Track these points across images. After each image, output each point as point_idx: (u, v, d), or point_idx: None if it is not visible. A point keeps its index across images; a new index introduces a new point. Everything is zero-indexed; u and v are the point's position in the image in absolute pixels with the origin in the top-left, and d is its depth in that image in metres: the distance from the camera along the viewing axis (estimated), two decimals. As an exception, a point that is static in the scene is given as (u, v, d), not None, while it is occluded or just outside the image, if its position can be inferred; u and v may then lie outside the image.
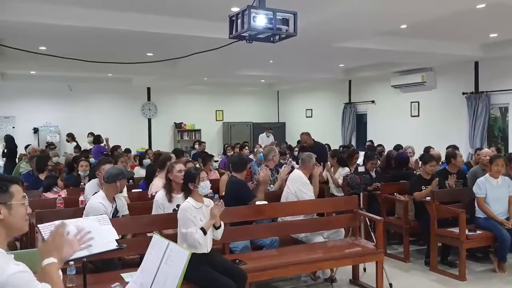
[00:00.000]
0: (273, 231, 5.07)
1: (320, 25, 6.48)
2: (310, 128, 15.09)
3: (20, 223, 2.06)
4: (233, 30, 4.14)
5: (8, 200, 2.01)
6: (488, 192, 5.54)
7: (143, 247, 3.02)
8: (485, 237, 5.45)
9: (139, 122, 15.12)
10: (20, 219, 2.05)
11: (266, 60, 10.14)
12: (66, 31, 6.71)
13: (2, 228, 2.01)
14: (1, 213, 1.98)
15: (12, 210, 2.01)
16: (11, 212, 2.01)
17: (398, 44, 8.20)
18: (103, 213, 4.15)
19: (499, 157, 5.78)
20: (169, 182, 4.73)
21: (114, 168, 4.64)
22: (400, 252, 6.22)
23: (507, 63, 9.31)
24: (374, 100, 12.98)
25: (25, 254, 3.04)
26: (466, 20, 6.93)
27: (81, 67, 8.91)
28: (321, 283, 5.24)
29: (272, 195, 5.66)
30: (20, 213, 2.04)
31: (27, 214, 2.09)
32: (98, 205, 4.24)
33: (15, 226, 2.06)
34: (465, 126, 10.15)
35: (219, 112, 16.45)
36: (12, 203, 2.01)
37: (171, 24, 6.70)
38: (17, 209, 2.03)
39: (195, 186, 4.01)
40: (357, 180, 5.88)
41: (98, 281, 3.67)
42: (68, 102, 14.03)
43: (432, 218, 5.56)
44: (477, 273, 5.58)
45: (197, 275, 3.75)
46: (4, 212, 1.99)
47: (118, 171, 4.48)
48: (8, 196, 2.01)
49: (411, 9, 5.90)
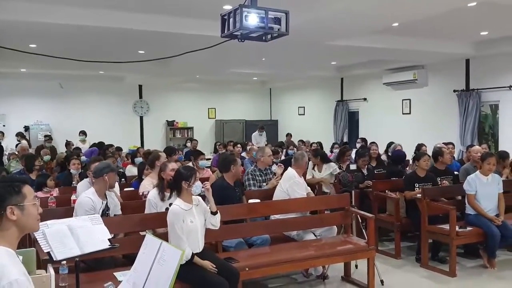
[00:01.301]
0: (266, 229, 5.10)
1: (313, 23, 6.49)
2: (302, 126, 15.28)
3: (32, 223, 2.08)
4: (225, 29, 4.15)
5: (21, 202, 2.02)
6: (478, 189, 5.59)
7: (136, 246, 3.04)
8: (475, 233, 5.50)
9: (131, 120, 15.07)
10: (32, 219, 2.07)
11: (259, 57, 10.13)
12: (56, 29, 6.66)
13: (16, 229, 2.02)
14: (15, 214, 1.99)
15: (25, 211, 2.02)
16: (24, 212, 2.02)
17: (390, 42, 8.23)
18: (91, 207, 4.16)
19: (492, 155, 5.82)
20: (161, 181, 4.72)
21: (101, 163, 4.65)
22: (391, 248, 6.28)
23: (498, 61, 9.38)
24: (366, 97, 13.03)
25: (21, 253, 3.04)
26: (457, 18, 6.97)
27: (72, 65, 8.85)
28: (313, 280, 5.28)
29: (265, 193, 5.67)
30: (32, 213, 2.06)
31: (38, 214, 2.11)
32: (86, 199, 4.24)
33: (28, 227, 2.08)
34: (456, 123, 10.23)
35: (212, 110, 16.43)
36: (25, 204, 2.02)
37: (163, 22, 6.67)
38: (30, 209, 2.05)
39: (190, 185, 3.95)
40: (349, 178, 5.90)
41: (91, 280, 3.68)
42: (59, 100, 13.95)
43: (422, 215, 5.61)
44: (467, 269, 5.64)
45: (190, 274, 3.76)
46: (17, 213, 2.00)
47: (104, 165, 4.50)
48: (21, 197, 2.03)
49: (403, 7, 5.93)
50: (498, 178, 5.78)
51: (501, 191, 5.71)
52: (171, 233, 3.84)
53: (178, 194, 3.99)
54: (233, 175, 5.21)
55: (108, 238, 3.23)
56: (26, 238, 4.42)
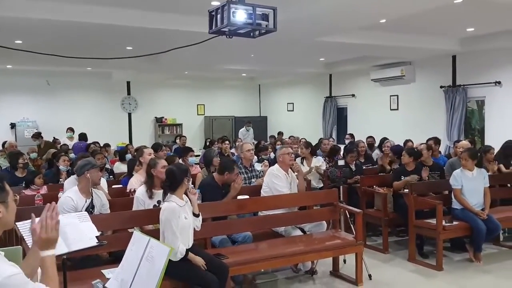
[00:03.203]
0: (255, 225, 5.11)
1: (301, 19, 6.50)
2: (291, 122, 15.31)
3: (13, 219, 2.04)
4: (212, 25, 4.15)
5: (6, 199, 1.98)
6: (464, 183, 5.67)
7: (124, 243, 3.03)
8: (462, 227, 5.58)
9: (119, 117, 14.97)
10: (13, 215, 2.03)
11: (248, 54, 10.13)
12: (42, 25, 6.60)
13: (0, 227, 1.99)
14: (1, 212, 1.95)
15: (8, 208, 1.99)
16: (8, 209, 1.99)
17: (378, 39, 8.28)
18: (71, 207, 4.14)
19: (465, 151, 5.93)
20: (151, 178, 4.69)
21: (82, 160, 4.59)
22: (379, 243, 6.34)
23: (484, 57, 9.48)
24: (354, 93, 13.09)
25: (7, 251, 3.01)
26: (444, 15, 7.03)
27: (59, 61, 8.77)
28: (302, 275, 5.31)
29: (254, 189, 5.68)
30: (13, 209, 2.02)
31: None
32: (66, 199, 4.23)
33: (9, 223, 2.04)
34: (443, 119, 10.33)
35: (201, 106, 16.39)
36: (9, 201, 1.99)
37: (151, 18, 6.64)
38: (12, 205, 2.01)
39: (188, 180, 3.99)
40: (337, 174, 5.94)
41: (79, 278, 3.66)
42: (46, 96, 13.82)
43: (410, 210, 5.67)
44: (453, 263, 5.71)
45: (179, 270, 3.77)
46: (3, 210, 1.96)
47: (85, 162, 4.44)
48: (5, 194, 1.99)
49: (390, 4, 5.96)
50: (484, 172, 5.86)
51: (487, 185, 5.78)
52: (167, 230, 3.80)
53: (173, 191, 3.95)
54: (224, 179, 5.17)
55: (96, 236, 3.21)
56: (12, 235, 4.39)
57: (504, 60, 9.21)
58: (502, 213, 5.98)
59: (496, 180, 6.54)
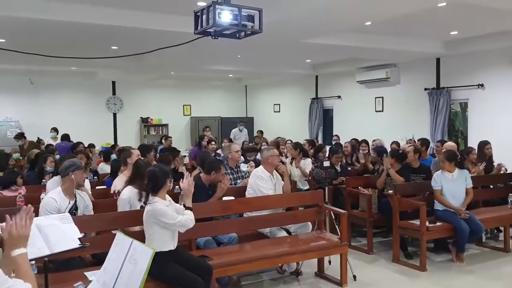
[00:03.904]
0: (240, 226, 5.10)
1: (287, 21, 6.51)
2: (278, 123, 15.34)
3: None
4: (198, 25, 4.13)
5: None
6: (444, 185, 5.73)
7: (107, 245, 3.00)
8: (445, 228, 5.63)
9: (104, 117, 14.84)
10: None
11: (234, 54, 10.12)
12: (26, 23, 6.51)
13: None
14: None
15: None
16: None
17: (363, 41, 8.34)
18: (53, 208, 4.08)
19: (443, 153, 6.06)
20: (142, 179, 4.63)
21: (67, 161, 4.54)
22: (364, 244, 6.37)
23: (467, 60, 9.60)
24: (340, 95, 13.16)
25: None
26: (428, 18, 7.11)
27: (43, 60, 8.66)
28: (287, 276, 5.31)
29: (239, 190, 5.67)
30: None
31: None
32: (49, 200, 4.17)
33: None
34: (427, 120, 10.43)
35: (187, 107, 16.33)
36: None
37: (136, 18, 6.59)
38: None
39: (171, 181, 4.01)
40: (322, 175, 5.96)
41: (61, 280, 3.62)
42: (29, 96, 13.63)
43: (394, 211, 5.71)
44: (437, 263, 5.77)
45: (164, 272, 3.74)
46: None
47: (70, 163, 4.39)
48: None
49: (375, 7, 6.00)
50: (466, 173, 5.93)
51: (469, 186, 5.84)
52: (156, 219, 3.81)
53: (155, 193, 3.93)
54: (211, 179, 5.15)
55: (78, 237, 3.18)
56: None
57: (487, 63, 9.33)
58: (484, 214, 6.06)
59: (479, 181, 6.63)
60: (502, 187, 6.90)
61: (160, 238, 3.84)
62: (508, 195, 6.47)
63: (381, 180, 6.23)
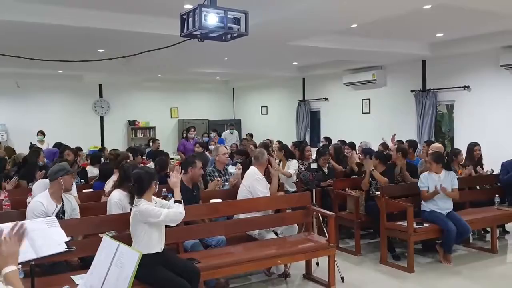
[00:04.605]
0: (228, 229, 5.09)
1: (273, 23, 6.52)
2: (265, 125, 15.36)
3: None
4: (184, 28, 4.12)
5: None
6: (430, 186, 5.78)
7: (94, 248, 2.98)
8: (432, 229, 5.68)
9: (91, 120, 14.73)
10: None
11: (221, 57, 10.12)
12: (11, 26, 6.43)
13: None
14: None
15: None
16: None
17: (349, 43, 8.38)
18: (40, 212, 4.06)
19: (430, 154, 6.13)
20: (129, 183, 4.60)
21: (56, 165, 4.52)
22: (352, 246, 6.40)
23: (453, 62, 9.70)
24: (327, 97, 13.21)
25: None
26: (414, 20, 7.17)
27: (29, 63, 8.58)
28: (275, 278, 5.32)
29: (227, 193, 5.67)
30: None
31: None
32: (36, 204, 4.14)
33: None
34: (414, 122, 10.51)
35: (174, 109, 16.27)
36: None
37: (122, 20, 6.55)
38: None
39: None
40: (309, 177, 5.98)
41: (48, 284, 3.59)
42: (15, 99, 13.49)
43: (381, 212, 5.75)
44: (424, 264, 5.81)
45: (151, 275, 3.73)
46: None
47: (59, 167, 4.37)
48: None
49: (361, 9, 6.04)
50: (453, 174, 5.98)
51: (455, 187, 5.89)
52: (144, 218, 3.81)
53: (141, 195, 3.92)
54: (190, 177, 5.14)
55: (65, 241, 3.15)
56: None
57: (473, 64, 9.43)
58: (471, 215, 6.12)
59: (466, 183, 6.70)
60: (488, 188, 6.98)
61: (147, 240, 3.83)
62: (494, 196, 6.55)
63: (365, 181, 6.25)
